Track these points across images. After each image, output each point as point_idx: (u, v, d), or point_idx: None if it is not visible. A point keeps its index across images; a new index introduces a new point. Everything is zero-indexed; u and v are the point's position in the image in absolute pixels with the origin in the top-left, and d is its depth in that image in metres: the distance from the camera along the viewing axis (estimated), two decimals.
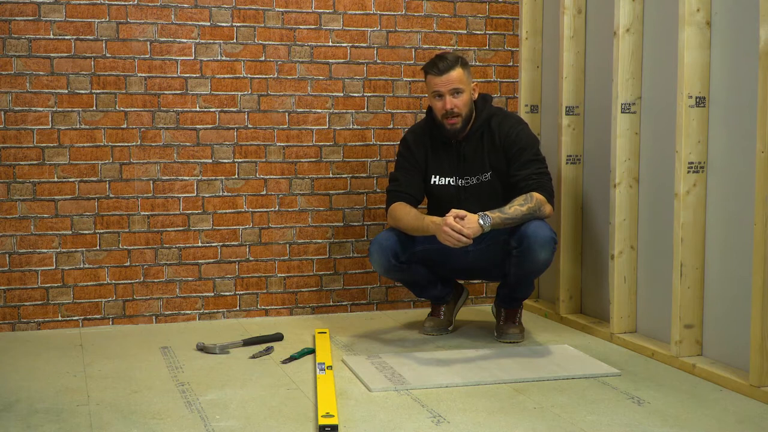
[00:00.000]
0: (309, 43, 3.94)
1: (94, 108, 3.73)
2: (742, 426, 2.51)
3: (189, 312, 3.89)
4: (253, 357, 3.25)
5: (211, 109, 3.86)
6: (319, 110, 3.98)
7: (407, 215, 3.37)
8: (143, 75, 3.77)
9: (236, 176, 3.90)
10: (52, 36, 3.66)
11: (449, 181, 3.45)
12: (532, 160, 3.37)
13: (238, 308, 3.94)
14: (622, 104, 3.40)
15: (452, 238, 3.14)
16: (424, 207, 3.65)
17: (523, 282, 3.43)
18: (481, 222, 3.17)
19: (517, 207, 3.24)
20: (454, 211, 3.19)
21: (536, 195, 3.29)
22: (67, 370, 3.09)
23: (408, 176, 3.48)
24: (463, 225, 3.15)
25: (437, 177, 3.47)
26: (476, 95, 3.44)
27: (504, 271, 3.43)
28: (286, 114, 3.94)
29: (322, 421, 2.45)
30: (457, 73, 3.34)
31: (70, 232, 3.74)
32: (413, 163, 3.48)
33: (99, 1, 3.69)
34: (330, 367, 3.02)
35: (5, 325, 3.69)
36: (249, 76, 3.89)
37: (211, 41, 3.83)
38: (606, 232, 3.60)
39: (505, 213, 3.22)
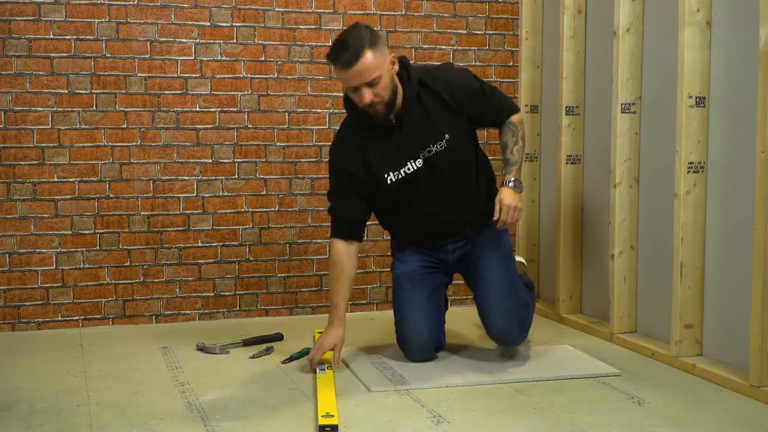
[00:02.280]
0: (309, 43, 3.94)
1: (94, 108, 3.73)
2: (742, 426, 2.51)
3: (189, 312, 3.89)
4: (253, 357, 3.25)
5: (211, 109, 3.86)
6: (319, 110, 3.98)
7: (332, 281, 3.11)
8: (143, 75, 3.77)
9: (236, 176, 3.90)
10: (52, 36, 3.66)
11: (406, 170, 3.01)
12: (489, 95, 3.09)
13: (238, 308, 3.94)
14: (622, 104, 3.40)
15: (512, 220, 2.98)
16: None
17: None
18: (518, 189, 2.99)
19: (515, 147, 3.06)
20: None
21: (514, 119, 3.11)
22: (67, 370, 3.09)
23: (343, 201, 3.09)
24: (517, 213, 2.95)
25: (392, 174, 3.02)
26: (396, 67, 2.93)
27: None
28: (286, 114, 3.94)
29: (322, 421, 2.45)
30: (365, 62, 2.80)
31: (70, 232, 3.74)
32: (346, 183, 3.07)
33: (99, 1, 3.69)
34: (330, 367, 3.02)
35: (5, 325, 3.69)
36: (249, 76, 3.89)
37: (211, 41, 3.83)
38: (606, 232, 3.60)
39: (517, 161, 3.04)
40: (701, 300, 3.11)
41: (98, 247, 3.77)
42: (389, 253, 4.08)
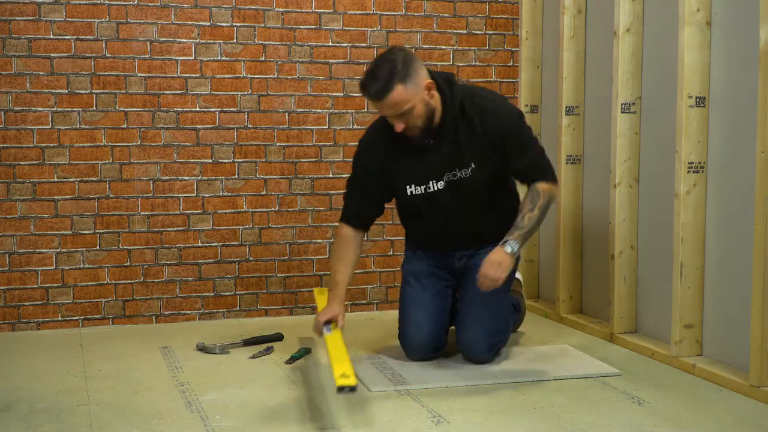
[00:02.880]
0: (309, 43, 3.94)
1: (94, 108, 3.73)
2: (742, 426, 2.51)
3: (189, 312, 3.89)
4: (253, 357, 3.25)
5: (211, 109, 3.86)
6: (319, 110, 3.98)
7: (335, 262, 3.11)
8: (143, 75, 3.77)
9: (236, 176, 3.90)
10: (52, 36, 3.66)
11: (427, 187, 3.03)
12: (525, 144, 2.98)
13: (238, 308, 3.94)
14: (622, 104, 3.40)
15: (489, 285, 2.88)
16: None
17: None
18: (509, 250, 2.86)
19: (528, 215, 2.93)
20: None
21: (541, 187, 2.97)
22: (67, 370, 3.09)
23: (359, 195, 3.12)
24: (500, 272, 2.84)
25: (413, 187, 3.04)
26: (433, 92, 2.89)
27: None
28: (286, 114, 3.95)
29: (340, 382, 2.41)
30: (395, 96, 2.79)
31: (70, 232, 3.74)
32: (365, 181, 3.10)
33: (99, 1, 3.69)
34: (336, 325, 2.92)
35: (5, 325, 3.69)
36: (249, 76, 3.89)
37: (211, 41, 3.83)
38: (606, 232, 3.60)
39: (524, 228, 2.91)
40: (701, 300, 3.11)
41: (98, 247, 3.77)
42: (390, 253, 4.09)
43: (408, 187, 3.05)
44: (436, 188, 3.03)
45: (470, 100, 2.97)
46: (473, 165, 2.99)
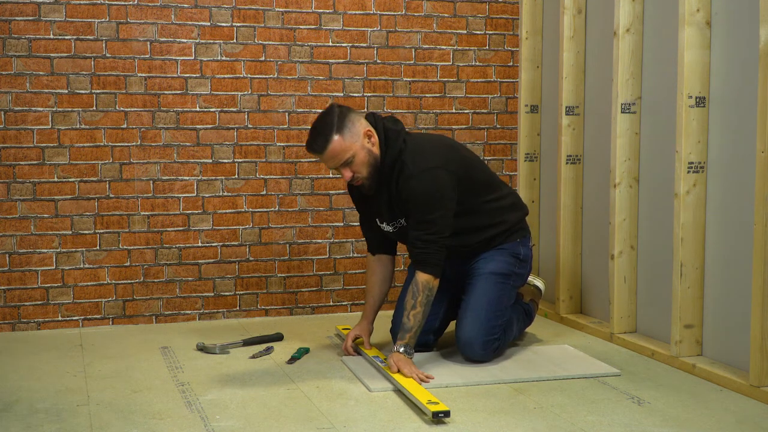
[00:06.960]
0: (309, 43, 3.94)
1: (94, 108, 3.73)
2: (742, 426, 2.51)
3: (189, 312, 3.89)
4: (253, 357, 3.25)
5: (211, 109, 3.86)
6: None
7: (367, 282, 3.36)
8: (143, 75, 3.77)
9: (236, 176, 3.90)
10: (52, 36, 3.66)
11: (393, 225, 3.15)
12: (422, 222, 3.00)
13: (238, 308, 3.94)
14: (622, 104, 3.40)
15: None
16: None
17: None
18: (403, 351, 2.97)
19: (413, 312, 2.98)
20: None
21: (420, 279, 2.98)
22: (67, 370, 3.09)
23: (362, 222, 3.33)
24: (403, 368, 2.90)
25: (382, 223, 3.18)
26: (374, 138, 3.01)
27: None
28: (286, 114, 3.95)
29: (433, 408, 2.51)
30: (334, 147, 2.94)
31: (70, 232, 3.74)
32: (360, 214, 3.33)
33: (99, 1, 3.69)
34: (387, 359, 3.05)
35: (5, 325, 3.69)
36: (249, 76, 3.89)
37: (211, 41, 3.83)
38: (606, 232, 3.60)
39: (411, 329, 2.98)
40: (701, 300, 3.11)
41: (98, 247, 3.78)
42: None
43: (378, 221, 3.20)
44: (399, 225, 3.13)
45: (401, 158, 3.03)
46: (403, 221, 3.11)
